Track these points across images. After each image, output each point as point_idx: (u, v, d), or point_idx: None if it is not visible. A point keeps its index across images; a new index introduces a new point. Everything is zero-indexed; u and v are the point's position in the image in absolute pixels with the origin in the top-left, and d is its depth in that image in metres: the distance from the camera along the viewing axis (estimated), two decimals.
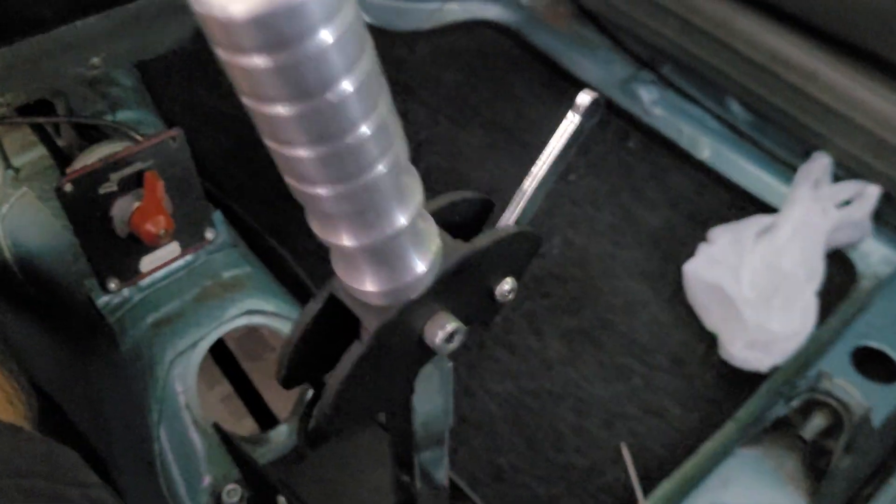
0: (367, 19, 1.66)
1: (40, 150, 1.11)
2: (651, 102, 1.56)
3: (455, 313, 0.51)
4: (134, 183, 0.91)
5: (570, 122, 0.55)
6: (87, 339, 1.01)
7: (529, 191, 0.55)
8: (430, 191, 1.43)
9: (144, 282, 0.97)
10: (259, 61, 0.32)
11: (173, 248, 0.96)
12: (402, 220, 0.43)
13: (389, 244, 0.44)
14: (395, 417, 0.60)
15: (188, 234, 0.97)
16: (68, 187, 0.87)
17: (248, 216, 1.15)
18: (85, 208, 0.89)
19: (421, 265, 0.47)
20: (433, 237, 0.48)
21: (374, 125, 0.37)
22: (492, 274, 0.53)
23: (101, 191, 0.90)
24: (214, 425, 0.93)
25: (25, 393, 0.83)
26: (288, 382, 0.54)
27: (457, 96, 1.60)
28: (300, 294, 1.06)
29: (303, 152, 0.37)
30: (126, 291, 0.97)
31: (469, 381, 1.27)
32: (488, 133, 1.56)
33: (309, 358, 0.52)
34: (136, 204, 0.91)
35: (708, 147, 1.50)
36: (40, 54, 0.96)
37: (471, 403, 1.25)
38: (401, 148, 0.41)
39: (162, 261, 0.96)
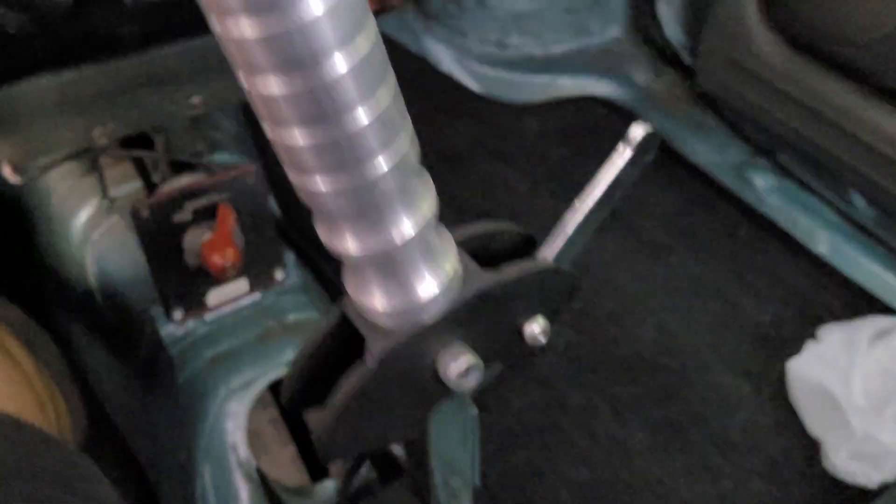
0: (478, 89, 1.66)
1: (137, 184, 1.13)
2: (766, 190, 1.47)
3: (477, 350, 0.46)
4: (208, 215, 0.91)
5: (620, 155, 0.50)
6: (150, 368, 1.00)
7: (570, 227, 0.50)
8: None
9: (209, 316, 0.96)
10: (246, 25, 0.31)
11: (241, 284, 0.95)
12: (409, 228, 0.40)
13: (396, 255, 0.40)
14: (414, 467, 0.55)
15: (258, 272, 0.96)
16: (144, 212, 0.88)
17: (326, 265, 1.13)
18: (158, 234, 0.89)
19: (433, 285, 0.42)
20: (450, 257, 0.43)
21: (371, 112, 0.35)
22: (521, 311, 0.48)
23: (176, 219, 0.90)
24: (258, 470, 0.90)
25: (74, 411, 0.82)
26: (293, 405, 0.50)
27: (561, 171, 1.57)
28: None
29: (297, 134, 0.35)
30: (191, 324, 0.96)
31: (540, 463, 1.19)
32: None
33: (317, 381, 0.48)
34: (208, 235, 0.90)
35: (825, 241, 1.40)
36: (138, 85, 0.99)
37: (540, 487, 1.17)
38: (407, 147, 0.38)
39: (229, 296, 0.95)
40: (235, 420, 0.91)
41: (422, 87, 1.64)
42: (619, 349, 1.31)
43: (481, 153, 1.58)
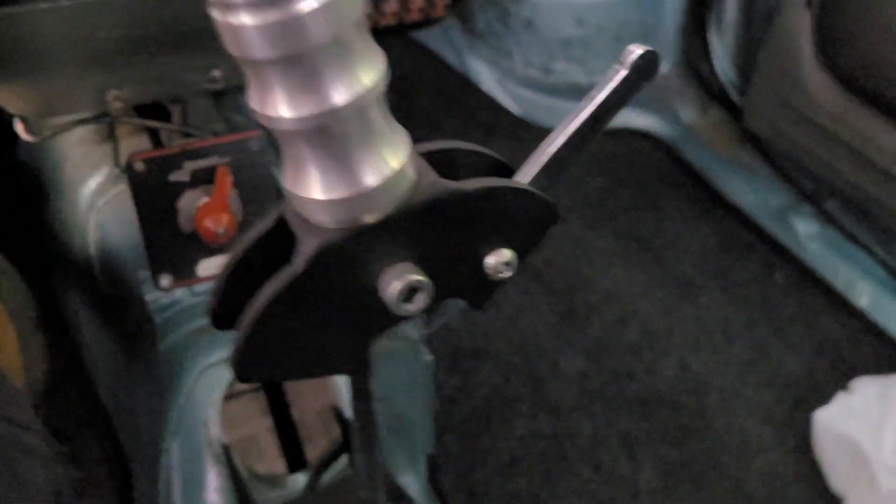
0: (517, 111, 1.62)
1: None
2: (807, 237, 1.40)
3: (430, 275, 0.41)
4: (207, 178, 0.88)
5: (613, 75, 0.45)
6: (134, 335, 0.96)
7: (551, 150, 0.45)
8: (543, 286, 1.33)
9: (198, 287, 0.92)
10: None
11: None
12: (344, 93, 0.35)
13: (331, 126, 0.36)
14: (358, 420, 0.49)
15: None
16: (139, 165, 0.85)
17: None
18: (152, 192, 0.86)
19: (374, 174, 0.37)
20: (397, 151, 0.38)
21: None
22: (483, 238, 0.43)
23: (173, 178, 0.86)
24: (224, 448, 0.84)
25: (28, 355, 0.78)
26: (219, 320, 0.45)
27: (596, 200, 1.51)
28: None
29: None
30: (178, 293, 0.92)
31: (541, 492, 1.11)
32: (621, 240, 1.44)
33: (247, 293, 0.43)
34: (205, 199, 0.87)
35: (867, 293, 1.32)
36: (158, 48, 0.96)
37: None
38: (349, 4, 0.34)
39: (220, 268, 0.91)
40: (210, 396, 0.86)
41: (460, 104, 1.61)
42: (635, 383, 1.24)
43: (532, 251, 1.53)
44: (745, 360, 1.27)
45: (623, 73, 0.44)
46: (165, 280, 0.90)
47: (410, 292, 0.40)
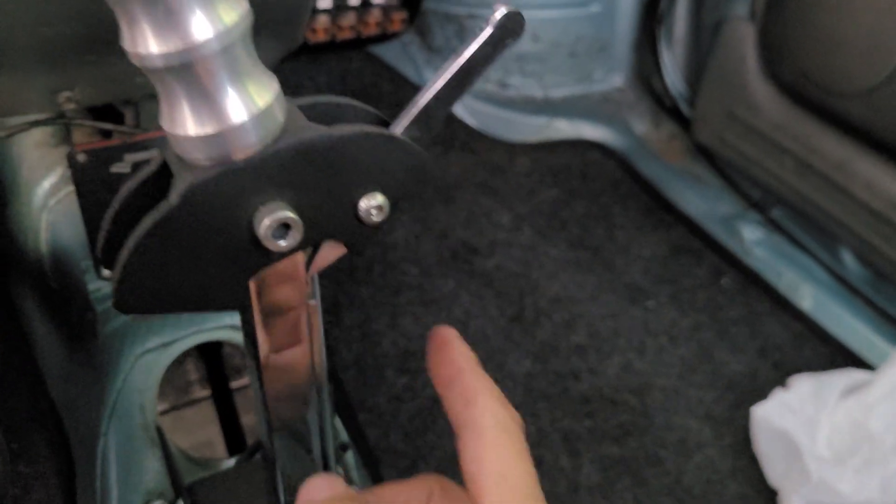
0: (474, 124, 1.66)
1: None
2: (753, 242, 1.43)
3: (304, 217, 0.44)
4: None
5: (480, 34, 0.48)
6: (78, 326, 0.98)
7: (420, 103, 0.47)
8: (494, 291, 1.36)
9: None
10: None
11: None
12: (206, 29, 0.38)
13: (198, 63, 0.38)
14: (247, 354, 0.51)
15: None
16: (81, 157, 0.87)
17: None
18: (94, 183, 0.88)
19: (242, 111, 0.40)
20: (263, 91, 0.41)
21: None
22: (356, 183, 0.45)
23: (114, 169, 0.89)
24: (158, 429, 0.86)
25: None
26: (107, 260, 0.47)
27: (548, 210, 1.54)
28: None
29: None
30: None
31: None
32: (572, 249, 1.47)
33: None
34: None
35: (810, 296, 1.35)
36: (107, 49, 0.99)
37: None
38: None
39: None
40: (147, 380, 0.88)
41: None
42: (579, 383, 1.26)
43: (469, 185, 1.57)
44: (689, 362, 1.30)
45: (489, 31, 0.47)
46: (107, 270, 0.92)
47: (282, 228, 0.43)
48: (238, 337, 0.92)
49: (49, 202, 1.10)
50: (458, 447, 0.40)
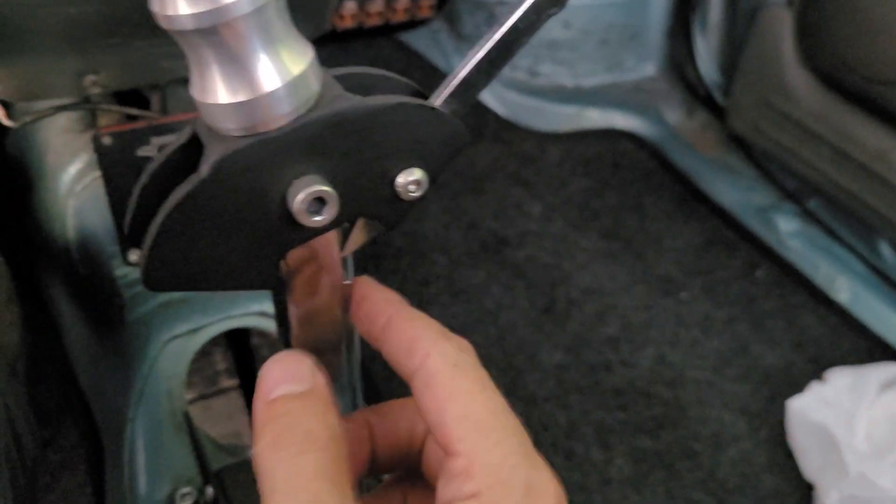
0: (504, 113, 1.64)
1: None
2: (788, 234, 1.40)
3: (339, 192, 0.42)
4: None
5: (523, 1, 0.46)
6: (105, 312, 0.97)
7: (462, 73, 0.46)
8: (525, 282, 1.34)
9: None
10: None
11: None
12: None
13: (230, 26, 0.37)
14: (279, 325, 0.50)
15: None
16: (106, 139, 0.86)
17: None
18: (120, 166, 0.87)
19: (275, 78, 0.39)
20: (297, 58, 0.39)
21: None
22: (393, 156, 0.43)
23: (140, 153, 0.88)
24: (185, 415, 0.85)
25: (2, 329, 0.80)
26: (134, 236, 0.46)
27: (580, 200, 1.52)
28: None
29: None
30: None
31: None
32: (604, 240, 1.45)
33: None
34: None
35: (847, 289, 1.32)
36: (134, 32, 0.98)
37: None
38: None
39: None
40: (174, 366, 0.87)
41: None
42: (612, 375, 1.24)
43: (500, 175, 1.55)
44: (723, 354, 1.27)
45: None
46: (134, 255, 0.91)
47: (317, 203, 0.41)
48: (266, 324, 0.91)
49: (75, 188, 1.10)
50: (416, 402, 0.36)
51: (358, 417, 0.44)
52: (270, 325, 0.91)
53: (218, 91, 0.39)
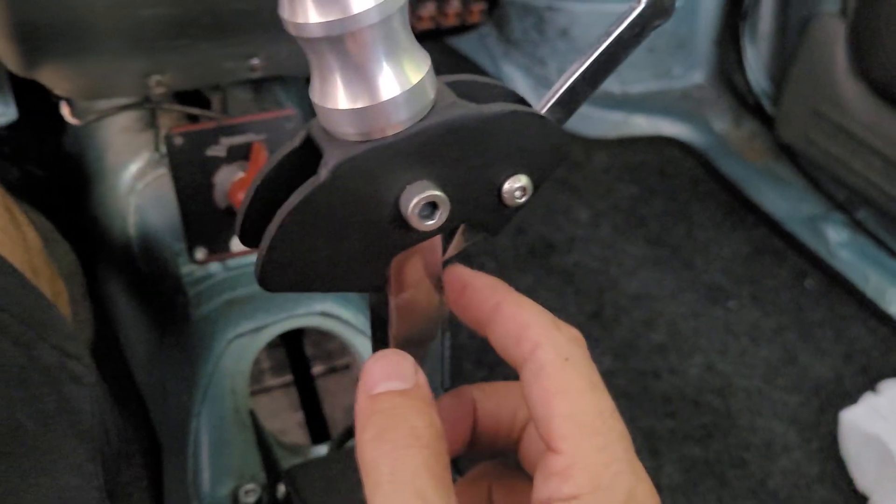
0: None
1: None
2: (838, 244, 1.39)
3: (450, 196, 0.43)
4: (242, 154, 0.90)
5: (630, 12, 0.46)
6: (168, 309, 0.99)
7: (565, 83, 0.46)
8: (573, 287, 1.35)
9: (232, 262, 0.95)
10: None
11: None
12: (366, 0, 0.37)
13: (356, 35, 0.38)
14: (374, 326, 0.50)
15: None
16: (178, 139, 0.88)
17: None
18: (190, 166, 0.89)
19: (395, 86, 0.39)
20: (417, 66, 0.40)
21: None
22: (500, 163, 0.44)
23: (210, 153, 0.89)
24: (251, 413, 0.86)
25: (77, 315, 0.81)
26: (246, 236, 0.47)
27: (627, 207, 1.52)
28: None
29: None
30: (212, 266, 0.94)
31: None
32: (651, 247, 1.45)
33: (273, 211, 0.45)
34: (240, 175, 0.90)
35: None
36: (200, 34, 1.00)
37: None
38: None
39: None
40: (238, 365, 0.88)
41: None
42: (661, 383, 1.24)
43: (547, 181, 1.54)
44: (773, 364, 1.27)
45: (639, 8, 0.46)
46: (200, 253, 0.92)
47: (429, 207, 0.42)
48: (328, 324, 0.91)
49: (137, 185, 1.11)
50: (523, 392, 0.35)
51: (464, 392, 0.43)
52: (331, 326, 0.92)
53: (338, 97, 0.40)
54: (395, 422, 0.34)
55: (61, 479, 0.46)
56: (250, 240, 0.47)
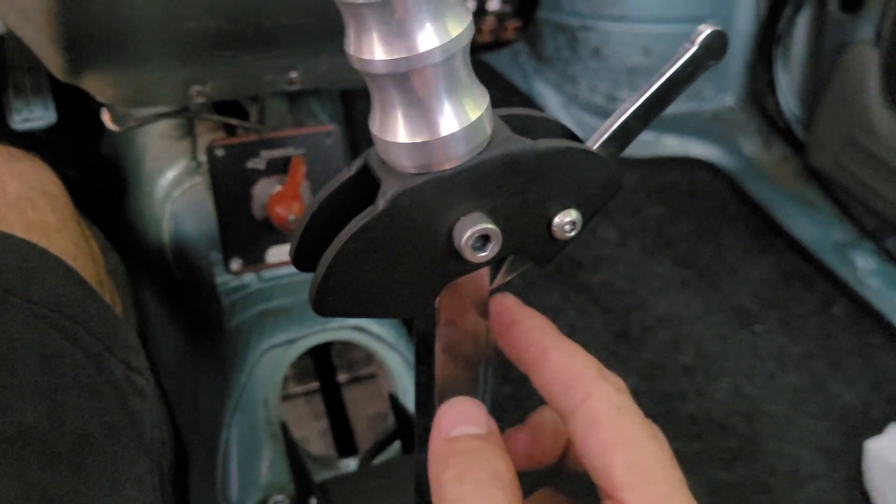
0: (582, 136, 1.64)
1: None
2: (867, 272, 1.39)
3: (501, 228, 0.43)
4: (281, 167, 0.92)
5: (684, 52, 0.47)
6: (202, 318, 1.00)
7: (618, 120, 0.47)
8: (600, 307, 1.35)
9: (266, 273, 0.96)
10: None
11: None
12: (433, 39, 0.38)
13: (419, 72, 0.38)
14: (420, 352, 0.51)
15: None
16: (219, 151, 0.89)
17: None
18: (229, 177, 0.90)
19: (454, 122, 0.40)
20: (475, 103, 0.41)
21: None
22: (552, 197, 0.45)
23: (249, 165, 0.91)
24: (282, 425, 0.87)
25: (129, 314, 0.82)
26: (300, 260, 0.48)
27: (654, 227, 1.52)
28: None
29: None
30: (247, 277, 0.95)
31: None
32: (678, 267, 1.45)
33: (326, 236, 0.46)
34: (278, 188, 0.91)
35: None
36: (242, 47, 1.01)
37: None
38: None
39: (288, 256, 0.95)
40: (271, 376, 0.89)
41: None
42: (687, 404, 1.24)
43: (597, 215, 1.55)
44: (800, 390, 1.26)
45: (692, 50, 0.47)
46: (236, 264, 0.93)
47: (482, 239, 0.42)
48: (360, 338, 0.92)
49: (173, 193, 1.13)
50: (571, 438, 0.36)
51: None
52: (364, 339, 0.93)
53: (399, 131, 0.41)
54: (477, 463, 0.35)
55: (125, 491, 0.47)
56: (304, 263, 0.48)
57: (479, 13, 1.52)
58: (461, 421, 0.39)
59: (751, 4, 1.58)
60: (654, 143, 1.63)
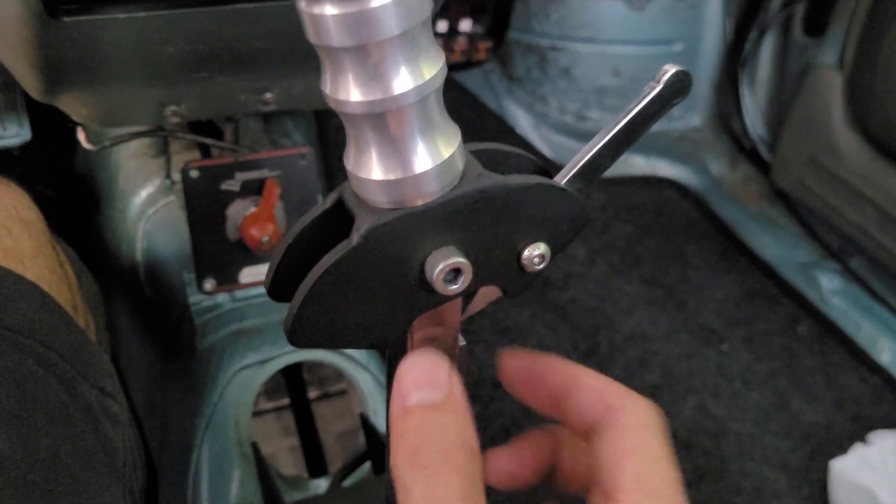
0: (551, 155, 1.66)
1: None
2: (830, 292, 1.42)
3: (472, 262, 0.45)
4: (256, 189, 0.92)
5: (649, 91, 0.49)
6: (174, 337, 1.00)
7: (585, 156, 0.48)
8: (569, 324, 1.36)
9: (239, 293, 0.96)
10: None
11: None
12: (407, 82, 0.39)
13: (394, 112, 0.40)
14: (392, 376, 0.52)
15: None
16: (194, 172, 0.89)
17: None
18: (204, 198, 0.90)
19: (427, 160, 0.41)
20: (448, 142, 0.42)
21: None
22: (522, 231, 0.46)
23: (224, 186, 0.91)
24: (253, 445, 0.87)
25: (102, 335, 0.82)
26: (275, 291, 0.48)
27: (622, 245, 1.54)
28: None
29: None
30: (220, 297, 0.96)
31: None
32: (646, 286, 1.47)
33: (301, 269, 0.47)
34: (252, 209, 0.91)
35: (889, 350, 1.33)
36: (217, 67, 1.02)
37: None
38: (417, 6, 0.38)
39: (262, 276, 0.95)
40: (243, 396, 0.90)
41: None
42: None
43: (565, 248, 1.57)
44: (765, 408, 1.29)
45: (657, 89, 0.48)
46: (209, 284, 0.94)
47: (454, 273, 0.44)
48: (332, 358, 0.93)
49: (147, 211, 1.13)
50: (593, 450, 0.37)
51: (554, 431, 0.44)
52: (335, 360, 0.93)
53: (373, 168, 0.42)
54: (427, 443, 0.36)
55: None
56: (279, 294, 0.49)
57: (451, 33, 1.54)
58: (420, 384, 0.39)
59: (717, 27, 1.62)
60: (622, 163, 1.65)
